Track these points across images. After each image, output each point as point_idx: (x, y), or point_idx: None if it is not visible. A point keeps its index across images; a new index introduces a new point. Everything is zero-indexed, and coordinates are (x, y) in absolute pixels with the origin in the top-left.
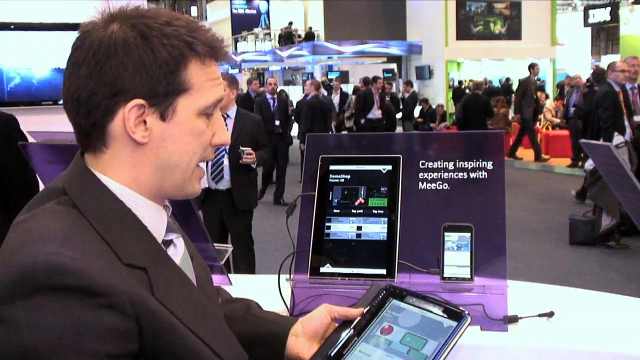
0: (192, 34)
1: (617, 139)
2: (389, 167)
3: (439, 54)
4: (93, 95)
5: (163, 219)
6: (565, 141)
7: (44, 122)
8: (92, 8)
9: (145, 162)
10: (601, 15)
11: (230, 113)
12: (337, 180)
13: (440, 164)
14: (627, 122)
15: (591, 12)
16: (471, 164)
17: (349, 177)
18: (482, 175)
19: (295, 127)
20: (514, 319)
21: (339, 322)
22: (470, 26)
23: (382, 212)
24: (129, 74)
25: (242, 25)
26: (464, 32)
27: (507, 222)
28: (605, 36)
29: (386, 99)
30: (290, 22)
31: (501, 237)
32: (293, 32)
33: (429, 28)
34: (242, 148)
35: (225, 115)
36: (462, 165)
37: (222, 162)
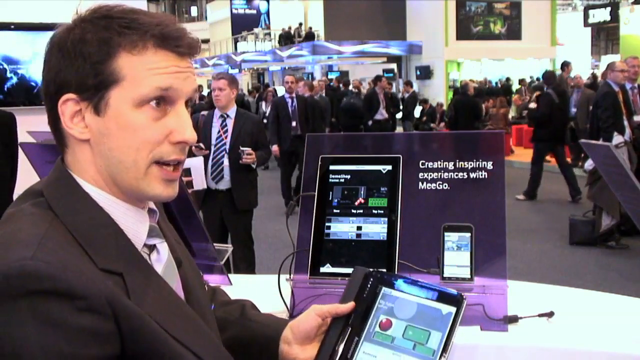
0: (128, 24)
1: (617, 139)
2: (389, 167)
3: (439, 54)
4: (46, 95)
5: (142, 222)
6: None
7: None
8: (84, 8)
9: (95, 160)
10: (601, 15)
11: (230, 113)
12: (337, 180)
13: (440, 164)
14: (626, 122)
15: (591, 12)
16: (471, 164)
17: (349, 177)
18: (482, 175)
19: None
20: (514, 319)
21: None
22: (470, 26)
23: (382, 212)
24: (62, 69)
25: (242, 25)
26: (464, 32)
27: (507, 222)
28: (605, 36)
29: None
30: (300, 23)
31: (501, 237)
32: (302, 33)
33: (429, 28)
34: (242, 148)
35: (225, 115)
36: (462, 165)
37: (223, 162)
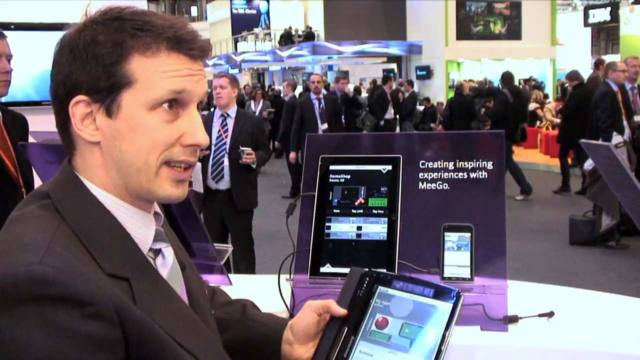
0: (140, 26)
1: (616, 139)
2: (389, 167)
3: (439, 54)
4: (55, 97)
5: (149, 226)
6: None
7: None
8: (92, 8)
9: (106, 163)
10: (601, 15)
11: (231, 112)
12: (337, 180)
13: (440, 164)
14: (625, 122)
15: (591, 12)
16: (471, 164)
17: (349, 177)
18: (482, 175)
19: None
20: (514, 319)
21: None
22: (470, 26)
23: (382, 212)
24: (74, 71)
25: (242, 25)
26: (464, 32)
27: (507, 222)
28: (605, 36)
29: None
30: (309, 27)
31: (501, 237)
32: (310, 33)
33: (429, 28)
34: (242, 148)
35: (226, 114)
36: (462, 165)
37: (223, 162)
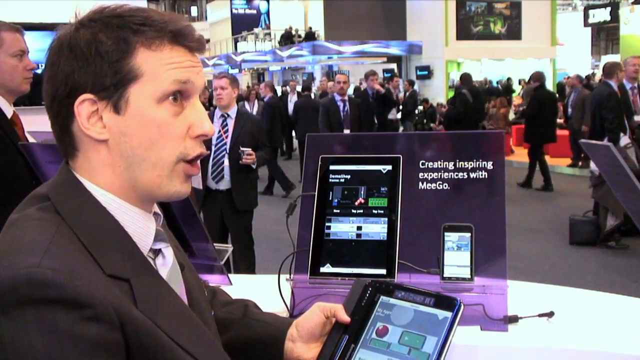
0: (142, 22)
1: (624, 139)
2: (389, 167)
3: (439, 54)
4: (54, 98)
5: (150, 226)
6: (565, 141)
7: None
8: (81, 9)
9: (113, 161)
10: (601, 15)
11: (231, 113)
12: (337, 180)
13: (440, 164)
14: (626, 122)
15: (591, 12)
16: (471, 164)
17: (349, 177)
18: (482, 175)
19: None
20: (514, 319)
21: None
22: (470, 26)
23: (382, 212)
24: (76, 70)
25: (242, 25)
26: (464, 32)
27: (507, 222)
28: (605, 36)
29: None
30: (312, 28)
31: (501, 237)
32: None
33: (429, 28)
34: (242, 148)
35: (226, 114)
36: (462, 165)
37: (223, 162)
